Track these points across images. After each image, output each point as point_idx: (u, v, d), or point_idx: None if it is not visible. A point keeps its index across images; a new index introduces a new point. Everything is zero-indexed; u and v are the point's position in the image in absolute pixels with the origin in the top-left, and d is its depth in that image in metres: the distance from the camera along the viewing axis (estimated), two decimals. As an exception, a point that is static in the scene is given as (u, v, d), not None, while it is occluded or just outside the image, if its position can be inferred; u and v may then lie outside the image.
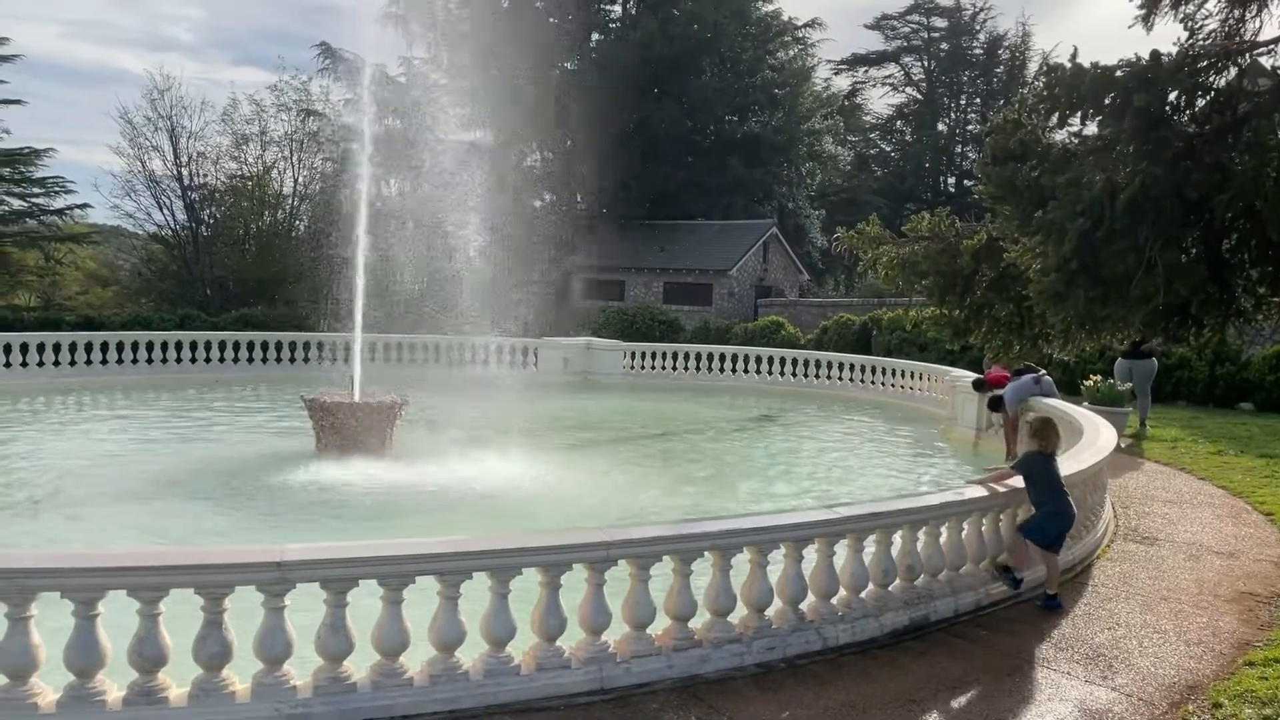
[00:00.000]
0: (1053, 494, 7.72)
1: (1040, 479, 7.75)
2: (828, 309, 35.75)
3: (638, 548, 5.92)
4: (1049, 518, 7.71)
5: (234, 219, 40.61)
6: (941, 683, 6.19)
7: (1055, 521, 7.71)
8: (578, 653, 5.76)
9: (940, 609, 7.23)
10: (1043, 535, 7.70)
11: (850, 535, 6.78)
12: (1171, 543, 9.81)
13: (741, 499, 12.23)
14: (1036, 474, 7.77)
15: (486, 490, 11.79)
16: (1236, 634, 7.25)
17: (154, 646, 4.91)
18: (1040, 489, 7.73)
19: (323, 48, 45.69)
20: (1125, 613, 7.65)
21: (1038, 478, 7.76)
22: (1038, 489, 7.75)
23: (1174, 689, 6.20)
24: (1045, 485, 7.74)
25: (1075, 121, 6.95)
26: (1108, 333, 7.36)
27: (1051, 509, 7.69)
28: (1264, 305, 7.22)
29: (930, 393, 19.90)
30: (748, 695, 5.87)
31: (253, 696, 5.05)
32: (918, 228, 8.83)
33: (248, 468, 13.05)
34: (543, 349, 24.56)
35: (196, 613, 5.02)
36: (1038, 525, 7.73)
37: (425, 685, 5.36)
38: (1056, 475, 7.83)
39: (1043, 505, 7.73)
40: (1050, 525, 7.70)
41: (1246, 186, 6.20)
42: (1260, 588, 8.41)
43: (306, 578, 5.14)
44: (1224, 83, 6.77)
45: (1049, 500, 7.72)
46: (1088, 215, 6.35)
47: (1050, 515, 7.70)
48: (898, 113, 65.76)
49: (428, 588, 5.45)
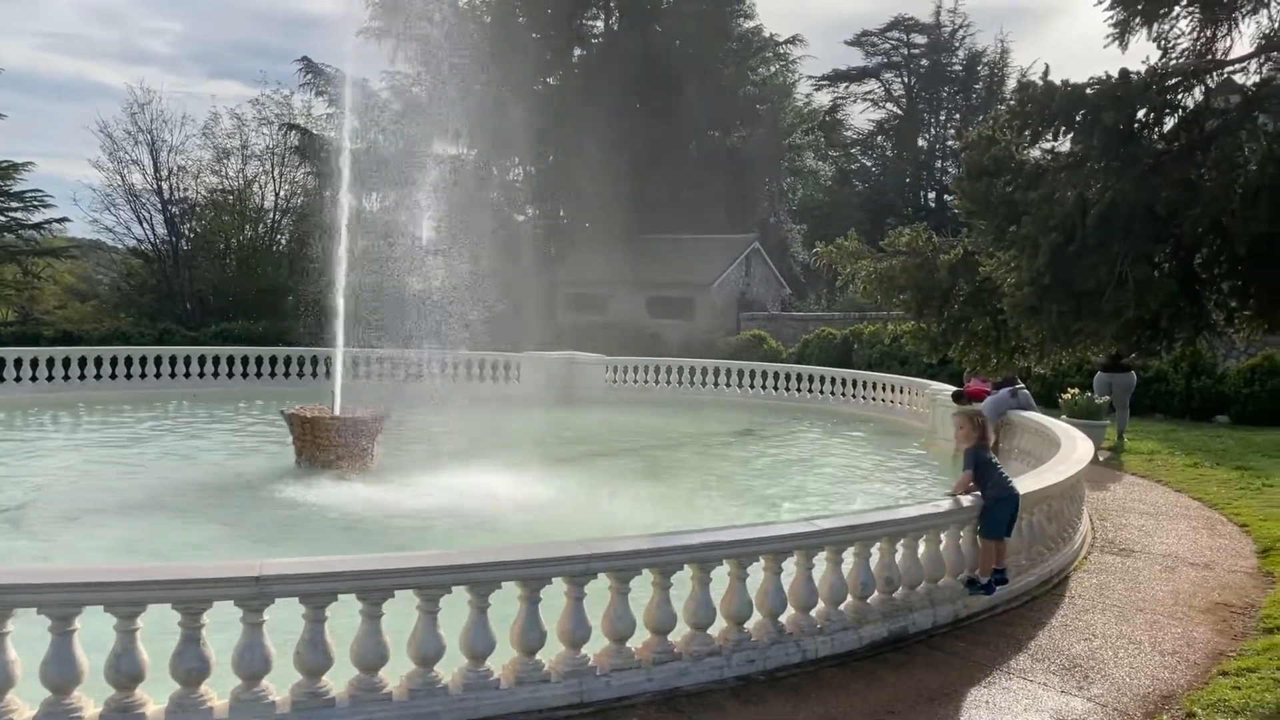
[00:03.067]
0: (998, 480, 7.76)
1: (987, 468, 7.79)
2: (809, 323, 35.89)
3: (617, 561, 5.94)
4: (998, 507, 7.71)
5: (214, 233, 40.44)
6: (919, 695, 6.23)
7: (1003, 508, 7.72)
8: (557, 666, 5.77)
9: (918, 621, 7.28)
10: (996, 528, 7.70)
11: (829, 548, 6.83)
12: (1148, 554, 9.91)
13: (722, 512, 12.25)
14: (984, 464, 7.81)
15: (467, 505, 11.76)
16: (1211, 644, 7.33)
17: (131, 662, 4.89)
18: (987, 478, 7.76)
19: (304, 62, 45.64)
20: (1101, 624, 7.72)
21: (985, 467, 7.80)
22: (985, 478, 7.77)
23: (1149, 699, 6.27)
24: (992, 473, 7.78)
25: (1048, 138, 7.07)
26: (1081, 346, 7.45)
27: (996, 495, 7.70)
28: (1234, 319, 7.34)
29: (910, 406, 20.02)
30: (727, 708, 5.89)
31: (231, 712, 5.03)
32: (896, 243, 8.92)
33: (226, 483, 12.99)
34: (525, 363, 24.55)
35: (175, 628, 5.00)
36: (991, 521, 7.71)
37: (404, 700, 5.36)
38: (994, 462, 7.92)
39: (994, 492, 7.73)
40: (1000, 514, 7.70)
41: (1215, 203, 6.31)
42: (1234, 598, 8.50)
43: (285, 592, 5.13)
44: (1192, 101, 6.91)
45: (994, 487, 7.73)
46: (1060, 230, 6.46)
47: (997, 503, 7.70)
48: (878, 128, 66.25)
49: (407, 602, 5.45)
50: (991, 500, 7.70)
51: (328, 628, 5.24)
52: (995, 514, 7.71)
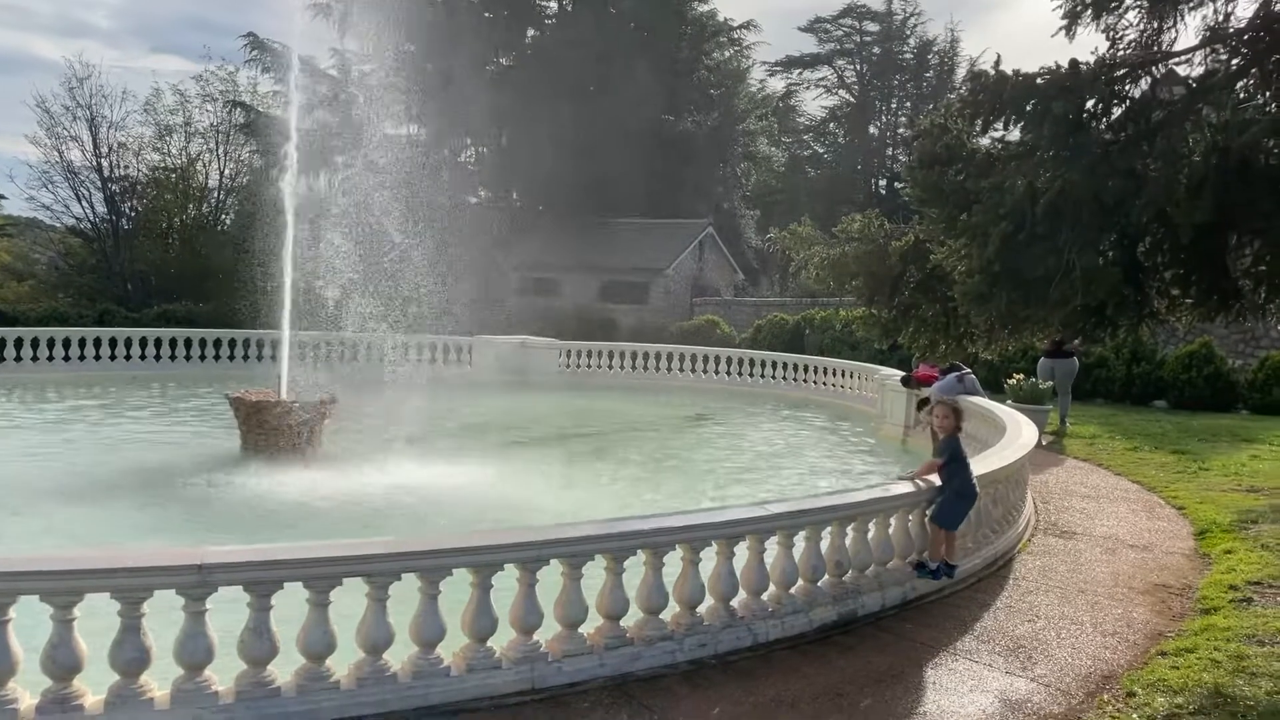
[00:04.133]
0: (966, 477, 7.87)
1: (960, 462, 7.89)
2: (762, 308, 36.09)
3: (570, 547, 5.91)
4: (958, 500, 7.81)
5: (157, 212, 39.45)
6: (868, 677, 6.30)
7: (964, 503, 7.84)
8: (509, 653, 5.73)
9: (867, 604, 7.36)
10: (953, 519, 7.82)
11: (780, 532, 6.86)
12: (1089, 536, 10.12)
13: (675, 497, 12.27)
14: (959, 457, 7.91)
15: (416, 491, 11.64)
16: (1150, 624, 7.51)
17: (68, 653, 4.75)
18: (956, 472, 7.86)
19: (250, 38, 44.64)
20: (1044, 605, 7.87)
21: (958, 461, 7.89)
22: (955, 471, 7.87)
23: (1090, 679, 6.40)
24: (962, 469, 7.88)
25: (999, 127, 7.13)
26: (1029, 333, 7.57)
27: (959, 490, 7.80)
28: (1176, 307, 7.51)
29: (861, 391, 20.23)
30: (679, 693, 5.90)
31: (173, 703, 4.92)
32: (848, 229, 8.99)
33: (169, 468, 12.71)
34: (477, 347, 24.35)
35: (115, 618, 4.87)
36: (949, 510, 7.81)
37: (352, 688, 5.29)
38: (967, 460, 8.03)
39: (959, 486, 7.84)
40: (959, 506, 7.82)
41: (1159, 193, 6.42)
42: (1172, 579, 8.72)
43: (229, 580, 5.02)
44: (1139, 91, 7.01)
45: (961, 483, 7.85)
46: (1010, 219, 6.53)
47: (958, 496, 7.80)
48: (831, 115, 66.61)
49: (355, 589, 5.37)
50: (953, 494, 7.80)
51: (273, 616, 5.14)
52: (957, 508, 7.82)
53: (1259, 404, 19.96)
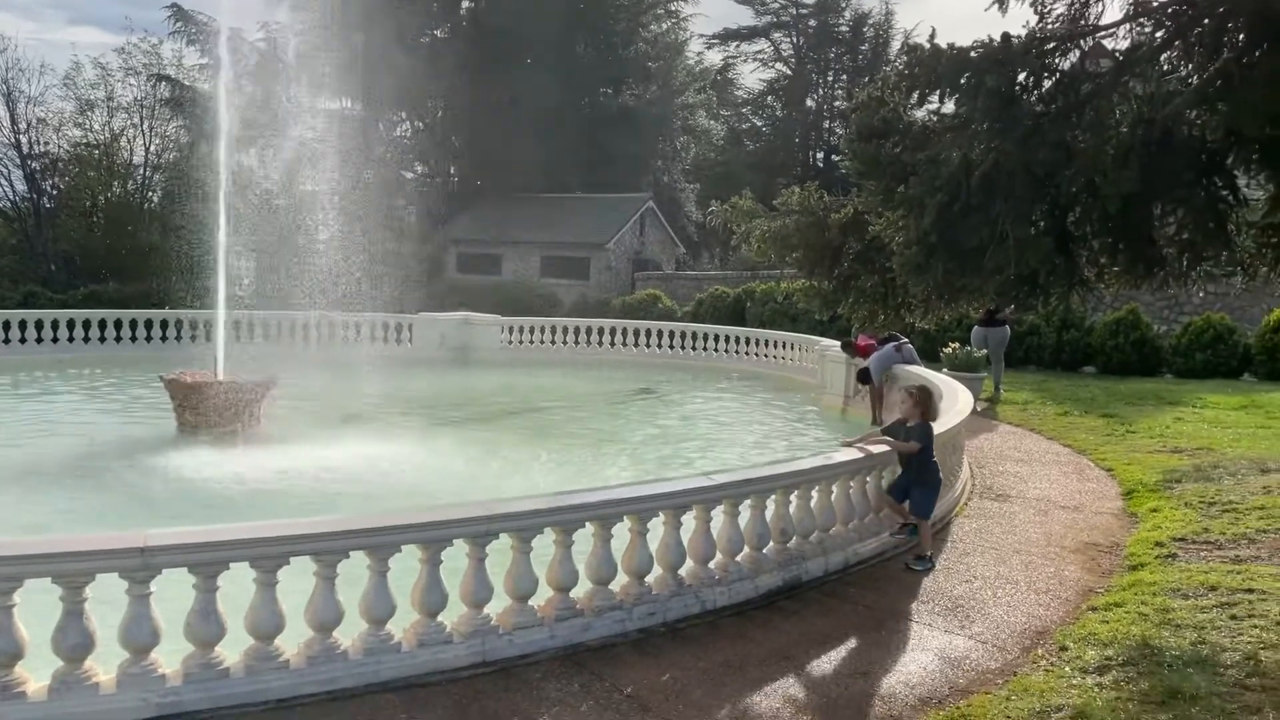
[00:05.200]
0: (934, 468, 8.10)
1: (930, 450, 8.09)
2: (703, 282, 36.24)
3: (519, 521, 5.94)
4: (933, 489, 8.09)
5: (80, 190, 38.28)
6: (813, 639, 6.46)
7: (934, 494, 8.12)
8: (460, 627, 5.76)
9: (811, 569, 7.52)
10: (930, 507, 8.10)
11: (726, 501, 6.97)
12: (1023, 499, 10.44)
13: (622, 469, 12.35)
14: (931, 444, 8.11)
15: (357, 471, 11.54)
16: (1081, 582, 7.80)
17: (9, 640, 4.67)
18: (927, 462, 8.06)
19: (174, 9, 43.25)
20: (981, 566, 8.12)
21: (929, 452, 8.10)
22: (926, 460, 8.06)
23: (1025, 635, 6.64)
24: (930, 459, 8.09)
25: (934, 100, 7.26)
26: (964, 302, 7.76)
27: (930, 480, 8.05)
28: (1104, 275, 7.75)
29: (801, 362, 20.49)
30: (629, 661, 5.99)
31: (119, 687, 4.86)
32: (789, 202, 9.07)
33: (104, 453, 12.42)
34: (418, 324, 24.10)
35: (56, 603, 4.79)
36: (928, 500, 8.08)
37: (302, 667, 5.28)
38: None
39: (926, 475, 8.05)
40: (934, 495, 8.10)
41: (1088, 164, 6.62)
42: (1101, 538, 9.05)
43: (173, 563, 4.97)
44: (1068, 65, 7.19)
45: (931, 473, 8.07)
46: (946, 190, 6.67)
47: (931, 489, 8.08)
48: (768, 88, 66.76)
49: (303, 569, 5.34)
50: (927, 478, 8.01)
51: (219, 597, 5.09)
52: (931, 496, 8.07)
53: (1182, 368, 20.70)
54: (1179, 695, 5.38)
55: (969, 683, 5.88)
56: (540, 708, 5.31)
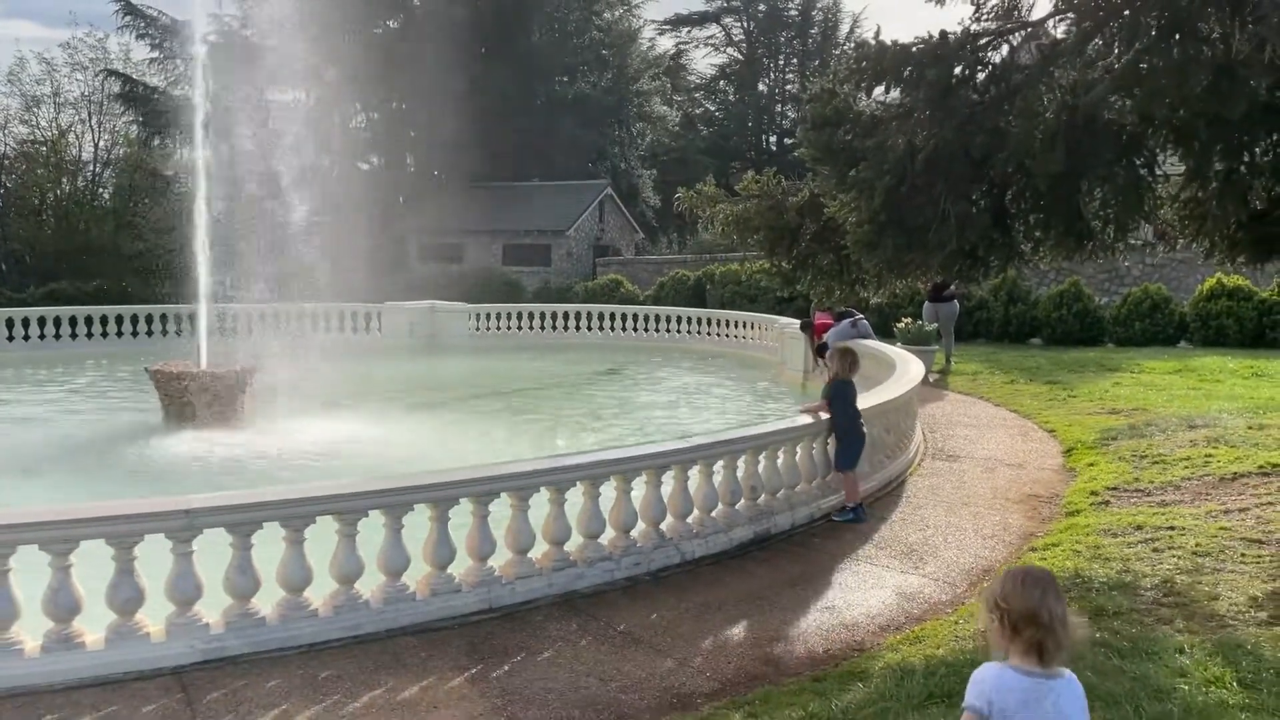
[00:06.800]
0: (855, 417, 8.80)
1: (848, 403, 8.79)
2: (663, 266, 36.92)
3: (518, 481, 6.57)
4: (854, 442, 8.76)
5: (28, 188, 37.84)
6: (783, 582, 7.17)
7: (858, 444, 8.81)
8: (467, 578, 6.37)
9: (779, 523, 8.23)
10: (853, 461, 8.79)
11: (701, 461, 7.65)
12: (971, 459, 11.25)
13: (600, 442, 12.97)
14: (849, 397, 8.82)
15: (346, 452, 12.03)
16: (1023, 528, 8.59)
17: (68, 596, 5.20)
18: (846, 413, 8.77)
19: (122, 3, 42.84)
20: (933, 517, 8.89)
21: (848, 401, 8.80)
22: (844, 413, 8.76)
23: (972, 573, 7.41)
24: (851, 409, 8.79)
25: (880, 91, 7.96)
26: (913, 275, 8.49)
27: (848, 429, 8.73)
28: (1039, 248, 8.51)
29: (761, 341, 21.26)
30: (619, 604, 6.65)
31: (168, 636, 5.41)
32: (749, 187, 9.74)
33: (93, 444, 12.80)
34: (386, 313, 24.49)
35: (107, 564, 5.33)
36: (850, 454, 8.76)
37: (329, 615, 5.86)
38: (855, 400, 8.91)
39: (846, 430, 8.73)
40: (856, 448, 8.79)
41: (1020, 147, 7.33)
42: (1043, 490, 9.87)
43: (213, 523, 5.52)
44: (999, 57, 7.92)
45: (852, 423, 8.77)
46: (893, 174, 7.37)
47: (855, 440, 8.76)
48: (721, 73, 67.49)
49: (327, 528, 5.92)
50: (843, 432, 8.68)
51: (254, 554, 5.66)
52: (854, 449, 8.72)
53: (1122, 337, 21.78)
54: (1104, 612, 6.14)
55: (923, 613, 6.62)
56: (544, 644, 5.95)
